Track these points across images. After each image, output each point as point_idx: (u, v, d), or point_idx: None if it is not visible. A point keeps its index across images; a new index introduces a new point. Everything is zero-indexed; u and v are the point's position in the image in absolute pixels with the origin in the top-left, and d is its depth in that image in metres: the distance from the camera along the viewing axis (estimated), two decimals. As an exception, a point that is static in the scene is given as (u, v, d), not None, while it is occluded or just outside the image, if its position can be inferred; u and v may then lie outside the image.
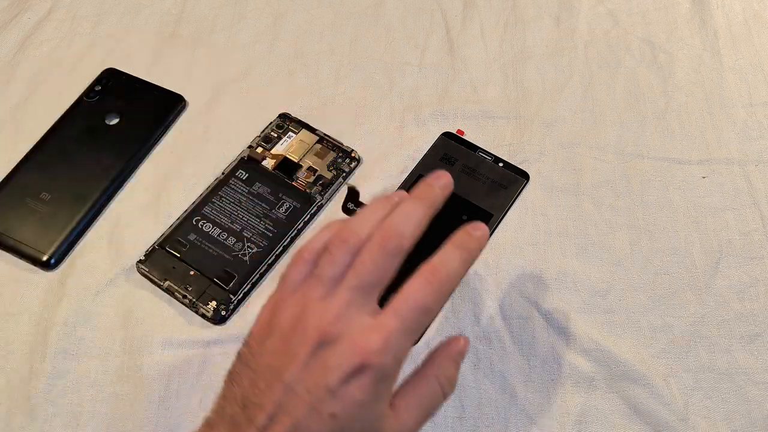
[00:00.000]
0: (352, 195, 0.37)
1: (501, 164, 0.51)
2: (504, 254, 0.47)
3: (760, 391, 0.42)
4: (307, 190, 0.49)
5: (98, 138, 0.53)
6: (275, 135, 0.51)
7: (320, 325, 0.30)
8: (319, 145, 0.50)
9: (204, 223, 0.47)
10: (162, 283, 0.46)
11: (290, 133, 0.51)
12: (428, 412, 0.33)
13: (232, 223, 0.47)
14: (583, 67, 0.57)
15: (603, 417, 0.41)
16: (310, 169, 0.49)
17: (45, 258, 0.47)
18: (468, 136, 0.53)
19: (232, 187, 0.49)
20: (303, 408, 0.29)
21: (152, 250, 0.47)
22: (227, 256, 0.46)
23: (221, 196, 0.48)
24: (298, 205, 0.48)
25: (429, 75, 0.57)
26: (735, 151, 0.52)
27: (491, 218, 0.48)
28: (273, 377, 0.29)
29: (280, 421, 0.29)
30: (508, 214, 0.49)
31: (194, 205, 0.48)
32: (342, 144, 0.51)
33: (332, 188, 0.49)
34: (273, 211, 0.47)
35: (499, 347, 0.44)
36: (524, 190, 0.50)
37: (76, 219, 0.49)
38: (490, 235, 0.48)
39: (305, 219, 0.48)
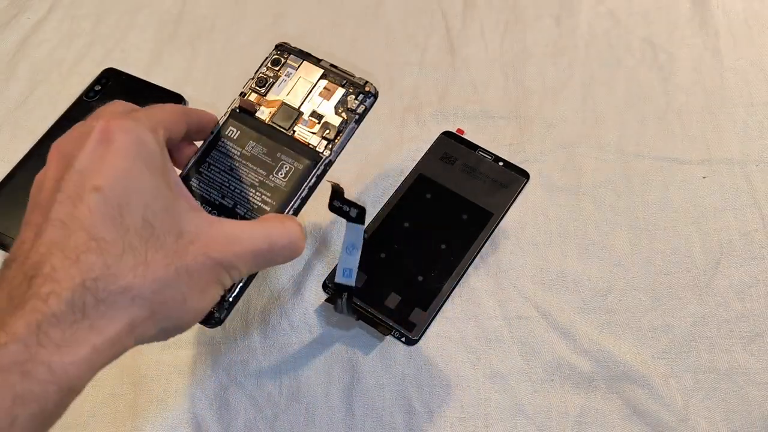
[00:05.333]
0: (337, 193, 0.35)
1: (501, 163, 0.51)
2: (504, 254, 0.47)
3: (761, 391, 0.42)
4: (311, 144, 0.37)
5: (98, 138, 0.53)
6: (271, 75, 0.40)
7: (63, 140, 0.29)
8: (324, 81, 0.39)
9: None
10: None
11: (289, 69, 0.40)
12: (257, 244, 0.30)
13: (223, 197, 0.37)
14: (584, 67, 0.57)
15: (602, 417, 0.41)
16: (314, 115, 0.38)
17: (45, 258, 0.47)
18: (468, 136, 0.53)
19: (222, 150, 0.38)
20: (66, 205, 0.26)
21: None
22: None
23: (210, 164, 0.37)
24: (301, 166, 0.37)
25: (429, 75, 0.57)
26: (735, 151, 0.52)
27: (491, 217, 0.48)
28: (36, 202, 0.28)
29: (45, 231, 0.26)
30: (508, 213, 0.49)
31: (180, 176, 0.38)
32: (353, 75, 0.39)
33: (342, 138, 0.37)
34: (271, 177, 0.37)
35: (499, 347, 0.44)
36: (524, 190, 0.50)
37: (76, 219, 0.49)
38: (491, 234, 0.48)
39: (309, 183, 0.36)
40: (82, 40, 0.60)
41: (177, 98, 0.55)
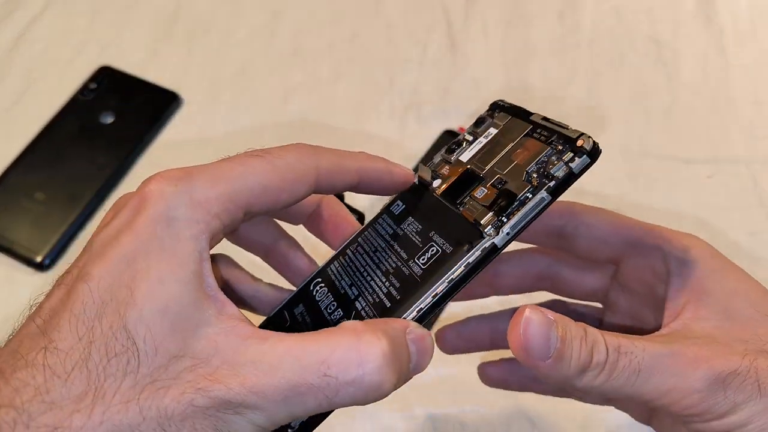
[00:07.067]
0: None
1: (504, 163, 0.50)
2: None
3: None
4: (476, 219, 0.24)
5: (93, 137, 0.52)
6: (470, 139, 0.29)
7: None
8: (529, 140, 0.26)
9: (320, 287, 0.28)
10: None
11: (490, 130, 0.28)
12: (297, 375, 0.19)
13: (351, 285, 0.27)
14: (588, 65, 0.56)
15: (607, 423, 0.41)
16: (496, 182, 0.25)
17: (39, 259, 0.46)
18: (470, 135, 0.52)
19: (378, 228, 0.28)
20: (62, 291, 0.20)
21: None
22: None
23: (359, 244, 0.28)
24: (450, 248, 0.24)
25: (430, 72, 0.56)
26: (741, 150, 0.51)
27: (494, 218, 0.48)
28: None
29: (27, 323, 0.21)
30: (510, 214, 0.48)
31: (328, 259, 0.29)
32: (566, 126, 0.26)
33: (521, 214, 0.23)
34: (411, 262, 0.25)
35: (502, 350, 0.43)
36: (527, 190, 0.50)
37: (71, 219, 0.48)
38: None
39: (452, 275, 0.23)
40: (77, 38, 0.59)
41: (172, 96, 0.54)
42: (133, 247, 0.20)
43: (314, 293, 0.27)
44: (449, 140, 0.54)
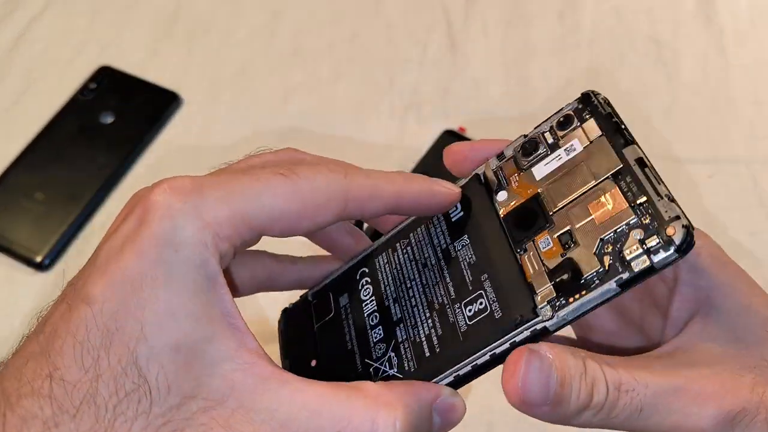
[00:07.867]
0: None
1: (504, 163, 0.50)
2: (507, 255, 0.47)
3: None
4: (532, 284, 0.22)
5: (93, 137, 0.52)
6: (550, 140, 0.24)
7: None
8: (614, 188, 0.22)
9: (367, 283, 0.27)
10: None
11: (574, 143, 0.24)
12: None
13: (395, 300, 0.25)
14: (587, 64, 0.56)
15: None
16: (564, 236, 0.22)
17: (39, 259, 0.46)
18: (470, 134, 0.52)
19: (431, 232, 0.26)
20: (62, 308, 0.19)
21: (304, 299, 0.29)
22: (353, 366, 0.25)
23: (410, 244, 0.26)
24: (497, 314, 0.22)
25: (430, 72, 0.56)
26: (741, 150, 0.51)
27: (494, 218, 0.47)
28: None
29: (28, 340, 0.20)
30: (510, 214, 0.48)
31: (379, 243, 0.27)
32: (660, 193, 0.21)
33: (583, 300, 0.21)
34: (456, 307, 0.23)
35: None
36: (527, 190, 0.50)
37: (71, 219, 0.48)
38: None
39: (495, 350, 0.22)
40: (77, 38, 0.59)
41: (172, 96, 0.54)
42: (137, 270, 0.19)
43: (360, 288, 0.26)
44: (449, 140, 0.54)
